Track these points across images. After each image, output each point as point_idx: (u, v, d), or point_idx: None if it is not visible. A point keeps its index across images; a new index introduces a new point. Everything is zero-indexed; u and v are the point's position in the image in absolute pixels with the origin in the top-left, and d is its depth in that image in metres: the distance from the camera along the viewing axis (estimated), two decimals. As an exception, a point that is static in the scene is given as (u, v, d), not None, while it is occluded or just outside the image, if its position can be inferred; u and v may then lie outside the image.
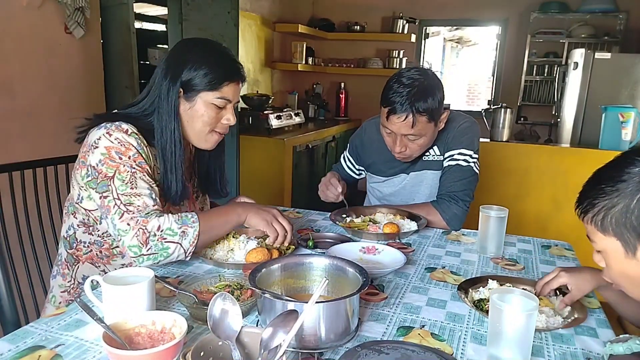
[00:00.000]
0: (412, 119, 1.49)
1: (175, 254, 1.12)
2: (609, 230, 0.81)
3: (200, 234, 1.14)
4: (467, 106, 8.38)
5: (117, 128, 1.18)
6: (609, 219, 0.80)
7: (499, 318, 0.81)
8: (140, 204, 1.14)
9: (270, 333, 0.72)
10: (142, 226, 1.10)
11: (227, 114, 1.30)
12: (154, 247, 1.10)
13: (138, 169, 1.17)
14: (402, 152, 1.60)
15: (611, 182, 0.80)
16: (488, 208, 1.37)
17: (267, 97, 3.95)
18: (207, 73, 1.23)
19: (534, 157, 3.06)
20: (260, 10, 4.35)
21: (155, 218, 1.12)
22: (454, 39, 8.94)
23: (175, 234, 1.12)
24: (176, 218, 1.14)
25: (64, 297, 1.31)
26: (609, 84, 3.35)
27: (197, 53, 1.26)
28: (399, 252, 1.27)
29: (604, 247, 0.84)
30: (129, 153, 1.17)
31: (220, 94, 1.26)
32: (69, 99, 2.44)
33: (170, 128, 1.24)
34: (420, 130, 1.53)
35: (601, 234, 0.82)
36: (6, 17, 2.12)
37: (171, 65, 1.26)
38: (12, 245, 1.37)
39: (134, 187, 1.15)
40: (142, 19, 3.99)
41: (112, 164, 1.15)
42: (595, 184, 0.83)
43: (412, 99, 1.48)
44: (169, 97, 1.24)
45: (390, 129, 1.56)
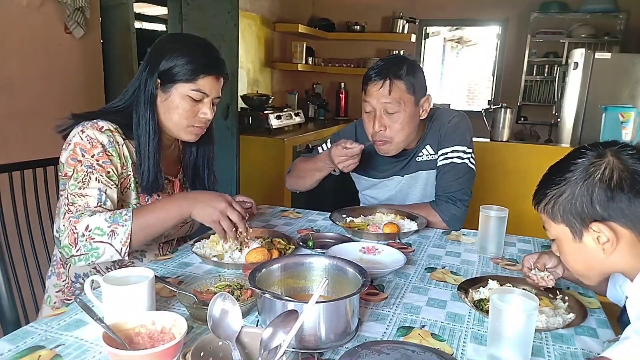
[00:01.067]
0: (389, 84, 1.49)
1: (107, 254, 1.09)
2: (558, 218, 0.88)
3: (134, 233, 1.10)
4: (467, 106, 8.37)
5: (92, 125, 1.19)
6: (558, 207, 0.87)
7: (499, 318, 0.81)
8: (81, 203, 1.12)
9: (270, 333, 0.72)
10: (73, 226, 1.08)
11: (203, 108, 1.27)
12: (82, 248, 1.07)
13: (98, 168, 1.16)
14: (382, 132, 1.55)
15: (560, 173, 0.88)
16: (488, 208, 1.37)
17: (267, 97, 3.95)
18: (184, 64, 1.23)
19: (534, 157, 3.06)
20: (260, 10, 4.35)
21: (86, 217, 1.08)
22: (454, 39, 8.94)
23: (104, 234, 1.08)
24: (108, 216, 1.09)
25: (59, 297, 1.32)
26: (609, 84, 3.35)
27: (177, 44, 1.27)
28: (399, 252, 1.27)
29: (556, 234, 0.91)
30: (94, 151, 1.17)
31: (196, 86, 1.24)
32: (69, 99, 2.44)
33: (145, 117, 1.24)
34: (398, 98, 1.50)
35: (552, 221, 0.90)
36: (6, 17, 2.12)
37: (151, 56, 1.26)
38: (12, 245, 1.37)
39: (84, 187, 1.14)
40: (142, 19, 3.99)
41: (72, 162, 1.16)
42: (547, 176, 0.92)
43: (388, 66, 1.52)
44: (146, 87, 1.24)
45: (368, 101, 1.54)
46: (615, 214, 0.83)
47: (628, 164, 0.83)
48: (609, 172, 0.83)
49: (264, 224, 1.61)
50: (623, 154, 0.84)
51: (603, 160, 0.84)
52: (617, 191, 0.82)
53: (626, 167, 0.83)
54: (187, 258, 1.28)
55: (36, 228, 1.48)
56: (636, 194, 0.81)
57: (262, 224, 1.60)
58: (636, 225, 0.83)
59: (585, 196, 0.84)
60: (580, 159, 0.86)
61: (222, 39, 3.40)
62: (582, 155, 0.87)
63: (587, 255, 0.88)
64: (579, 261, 0.91)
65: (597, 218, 0.84)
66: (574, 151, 0.90)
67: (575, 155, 0.88)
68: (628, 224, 0.83)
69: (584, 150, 0.87)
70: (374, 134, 1.58)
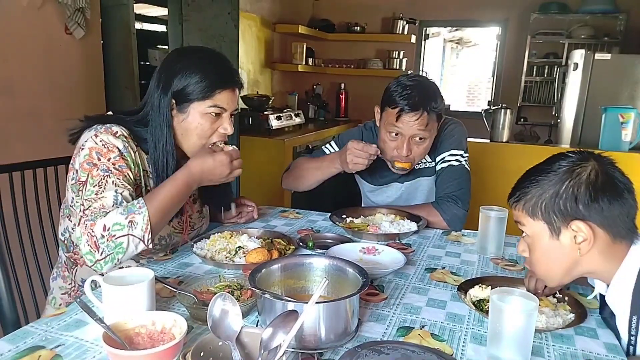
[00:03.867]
0: (426, 116, 1.50)
1: (132, 247, 1.06)
2: (538, 215, 0.92)
3: (152, 217, 1.08)
4: (467, 107, 8.38)
5: (106, 130, 1.16)
6: (540, 204, 0.91)
7: (499, 318, 0.81)
8: (97, 206, 1.08)
9: (270, 333, 0.72)
10: (90, 230, 1.04)
11: (223, 123, 1.24)
12: (106, 249, 1.04)
13: (115, 172, 1.14)
14: (408, 155, 1.56)
15: (543, 173, 0.92)
16: (488, 208, 1.38)
17: (267, 97, 3.95)
18: (198, 81, 1.19)
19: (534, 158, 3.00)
20: (260, 11, 4.35)
21: (100, 219, 1.05)
22: (454, 40, 8.94)
23: (123, 227, 1.05)
24: (122, 210, 1.07)
25: (64, 299, 1.31)
26: (609, 85, 3.35)
27: (187, 61, 1.22)
28: (399, 253, 1.27)
29: (532, 231, 0.94)
30: (110, 155, 1.15)
31: (213, 102, 1.21)
32: (69, 99, 2.45)
33: (162, 141, 1.21)
34: (430, 129, 1.54)
35: (531, 218, 0.93)
36: (6, 17, 2.12)
37: (162, 75, 1.22)
38: (12, 246, 1.37)
39: (100, 191, 1.10)
40: (143, 20, 3.99)
41: (87, 167, 1.13)
42: (528, 176, 0.96)
43: (424, 97, 1.50)
44: (160, 109, 1.21)
45: (399, 129, 1.52)
46: (595, 215, 0.88)
47: (607, 169, 0.90)
48: (594, 174, 0.89)
49: (264, 224, 1.61)
50: (603, 161, 0.91)
51: (588, 163, 0.90)
52: (599, 192, 0.87)
53: (606, 172, 0.89)
54: (187, 258, 1.28)
55: (36, 228, 1.48)
56: (614, 197, 0.88)
57: (262, 225, 1.60)
58: (611, 227, 0.89)
59: (570, 195, 0.88)
60: (563, 162, 0.92)
61: (222, 39, 3.41)
62: (565, 158, 0.92)
63: (560, 254, 0.92)
64: (547, 260, 0.95)
65: (578, 217, 0.88)
66: (555, 156, 0.95)
67: (558, 158, 0.93)
68: (604, 225, 0.88)
69: (567, 154, 0.93)
70: (395, 155, 1.58)
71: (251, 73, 4.29)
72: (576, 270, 0.94)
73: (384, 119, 1.58)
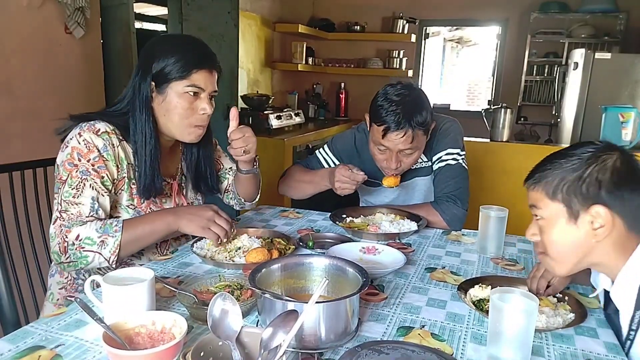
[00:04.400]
0: (411, 133, 1.49)
1: (96, 262, 1.13)
2: (557, 197, 0.91)
3: (123, 244, 1.14)
4: (467, 106, 8.37)
5: (89, 128, 1.20)
6: (562, 186, 0.90)
7: (499, 318, 0.81)
8: (74, 212, 1.15)
9: (270, 333, 0.72)
10: (64, 235, 1.12)
11: (202, 104, 1.27)
12: (72, 256, 1.11)
13: (93, 174, 1.18)
14: (397, 167, 1.57)
15: (566, 157, 0.92)
16: (488, 208, 1.37)
17: (267, 97, 3.95)
18: (175, 62, 1.22)
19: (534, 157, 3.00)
20: (260, 10, 4.35)
21: (77, 227, 1.12)
22: (454, 39, 8.95)
23: (94, 244, 1.12)
24: (98, 226, 1.13)
25: (62, 294, 1.32)
26: (609, 84, 3.35)
27: (165, 44, 1.27)
28: (399, 252, 1.27)
29: (549, 213, 0.93)
30: (90, 155, 1.18)
31: (190, 82, 1.24)
32: (69, 99, 2.44)
33: (141, 122, 1.24)
34: (417, 144, 1.54)
35: (549, 200, 0.92)
36: (6, 17, 2.12)
37: (141, 61, 1.26)
38: (12, 245, 1.37)
39: (78, 195, 1.16)
40: (142, 19, 3.99)
41: (69, 167, 1.17)
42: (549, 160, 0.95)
43: (408, 114, 1.47)
44: (140, 92, 1.24)
45: (386, 145, 1.53)
46: (616, 202, 0.88)
47: (632, 160, 0.91)
48: (620, 162, 0.89)
49: (264, 224, 1.61)
50: (627, 152, 0.92)
51: (613, 152, 0.90)
52: (623, 181, 0.88)
53: (631, 162, 0.90)
54: (187, 258, 1.28)
55: (36, 228, 1.48)
56: (636, 188, 0.89)
57: (262, 224, 1.60)
58: (629, 217, 0.89)
59: (594, 179, 0.88)
60: (589, 148, 0.91)
61: (223, 39, 3.40)
62: (590, 144, 0.92)
63: (575, 239, 0.91)
64: (561, 244, 0.93)
65: (599, 202, 0.88)
66: (579, 143, 0.95)
67: (582, 145, 0.93)
68: (623, 214, 0.88)
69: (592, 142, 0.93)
70: (385, 166, 1.59)
71: (251, 72, 4.29)
72: (587, 259, 0.93)
73: (372, 133, 1.58)
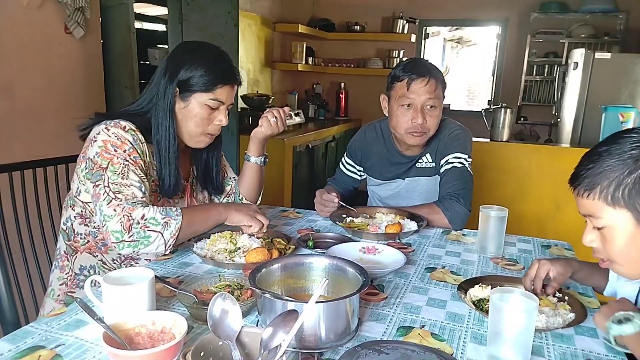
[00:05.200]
0: (434, 83, 1.63)
1: (155, 244, 1.15)
2: (620, 203, 0.80)
3: (183, 227, 1.18)
4: (467, 106, 8.37)
5: (115, 125, 1.24)
6: (621, 190, 0.80)
7: (499, 318, 0.81)
8: (129, 193, 1.17)
9: (270, 333, 0.72)
10: (128, 213, 1.13)
11: (219, 115, 1.35)
12: (136, 235, 1.13)
13: (131, 162, 1.22)
14: (423, 123, 1.64)
15: (616, 156, 0.80)
16: (488, 208, 1.37)
17: (267, 97, 3.95)
18: (202, 75, 1.28)
19: (534, 157, 3.06)
20: (260, 10, 4.35)
21: (140, 207, 1.15)
22: (454, 39, 8.94)
23: (158, 224, 1.15)
24: (161, 209, 1.17)
25: (62, 290, 1.32)
26: (609, 84, 3.34)
27: (195, 55, 1.32)
28: (399, 252, 1.27)
29: (612, 222, 0.82)
30: (124, 147, 1.22)
31: (214, 96, 1.31)
32: (69, 99, 2.45)
33: (165, 125, 1.30)
34: (438, 95, 1.65)
35: (610, 207, 0.81)
36: (6, 17, 2.12)
37: (170, 65, 1.31)
38: (12, 245, 1.37)
39: (125, 178, 1.19)
40: (142, 19, 3.99)
41: (107, 155, 1.20)
42: (595, 160, 0.83)
43: (428, 66, 1.67)
44: (165, 95, 1.29)
45: (411, 99, 1.63)
46: None
47: None
48: None
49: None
50: None
51: None
52: None
53: None
54: (187, 258, 1.28)
55: (36, 228, 1.48)
56: None
57: (262, 224, 1.60)
58: None
59: None
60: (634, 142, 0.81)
61: (222, 39, 3.40)
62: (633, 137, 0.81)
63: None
64: (633, 250, 0.83)
65: None
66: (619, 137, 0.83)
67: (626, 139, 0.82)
68: None
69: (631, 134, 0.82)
70: (411, 127, 1.66)
71: (251, 72, 4.29)
72: None
73: (395, 94, 1.67)
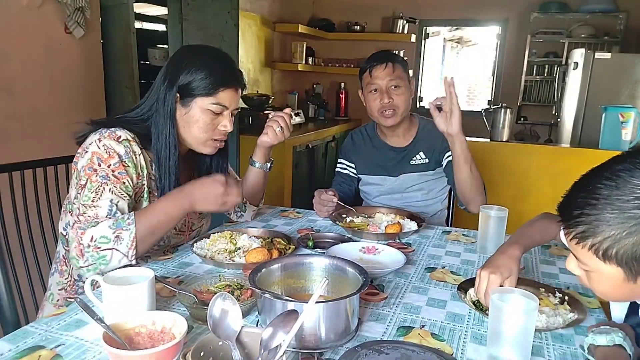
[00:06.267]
0: (391, 66, 1.77)
1: (115, 260, 1.09)
2: (612, 260, 0.71)
3: (140, 236, 1.10)
4: (467, 106, 8.37)
5: (110, 135, 1.18)
6: (616, 250, 0.70)
7: (499, 318, 0.81)
8: (91, 214, 1.12)
9: (270, 333, 0.72)
10: (79, 238, 1.08)
11: (223, 121, 1.28)
12: (90, 259, 1.08)
13: (113, 179, 1.16)
14: (390, 101, 1.76)
15: (620, 211, 0.68)
16: (488, 208, 1.37)
17: (267, 97, 3.95)
18: (203, 78, 1.23)
19: (534, 157, 3.06)
20: (260, 10, 4.35)
21: (90, 228, 1.09)
22: (454, 39, 8.94)
23: (109, 241, 1.08)
24: (111, 223, 1.10)
25: (62, 295, 1.32)
26: (609, 84, 3.35)
27: (195, 58, 1.26)
28: (399, 252, 1.27)
29: (598, 271, 0.74)
30: (111, 161, 1.17)
31: (216, 100, 1.25)
32: (69, 99, 2.44)
33: (165, 132, 1.24)
34: (399, 76, 1.77)
35: (600, 261, 0.72)
36: (6, 17, 2.12)
37: (169, 69, 1.26)
38: (12, 245, 1.37)
39: (97, 199, 1.13)
40: (142, 19, 3.99)
41: (89, 172, 1.15)
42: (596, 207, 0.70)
43: (384, 54, 1.83)
44: (165, 101, 1.24)
45: (375, 84, 1.78)
46: None
47: None
48: None
49: (264, 224, 1.61)
50: None
51: None
52: None
53: None
54: (187, 258, 1.28)
55: (36, 228, 1.48)
56: None
57: (262, 224, 1.60)
58: None
59: None
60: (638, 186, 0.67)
61: (222, 39, 3.40)
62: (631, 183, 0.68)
63: (630, 291, 0.75)
64: (616, 293, 0.78)
65: None
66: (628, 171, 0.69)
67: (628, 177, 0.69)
68: None
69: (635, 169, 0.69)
70: (380, 108, 1.79)
71: (251, 72, 4.29)
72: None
73: (364, 85, 1.83)
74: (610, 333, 0.82)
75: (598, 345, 0.82)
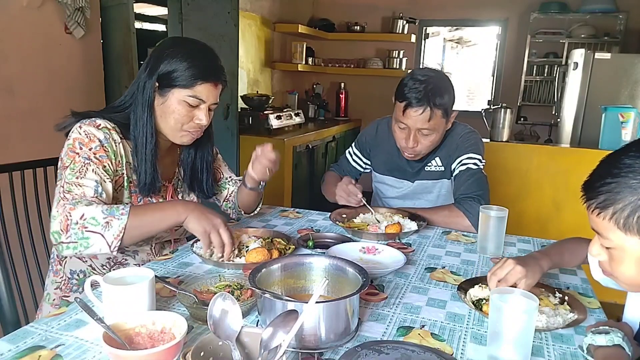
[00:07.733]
0: (429, 112, 1.55)
1: (97, 246, 1.07)
2: (632, 230, 0.73)
3: (129, 228, 1.08)
4: (467, 106, 8.36)
5: (90, 123, 1.21)
6: (637, 217, 0.72)
7: (499, 318, 0.81)
8: (78, 192, 1.13)
9: (270, 333, 0.72)
10: (68, 213, 1.07)
11: (199, 114, 1.27)
12: (73, 236, 1.06)
13: (94, 160, 1.18)
14: (414, 147, 1.62)
15: (634, 173, 0.72)
16: (488, 208, 1.37)
17: (267, 97, 3.95)
18: (182, 69, 1.22)
19: (534, 157, 3.06)
20: (260, 11, 4.35)
21: (82, 206, 1.08)
22: (454, 39, 8.93)
23: (98, 224, 1.06)
24: (105, 208, 1.09)
25: (57, 294, 1.32)
26: (609, 84, 3.35)
27: (178, 49, 1.26)
28: (399, 252, 1.27)
29: (621, 245, 0.76)
30: (91, 145, 1.19)
31: (193, 93, 1.24)
32: (69, 99, 2.44)
33: (143, 120, 1.25)
34: (434, 124, 1.59)
35: (621, 232, 0.74)
36: (6, 17, 2.12)
37: (152, 58, 1.27)
38: (12, 245, 1.37)
39: (81, 177, 1.15)
40: (142, 19, 4.00)
41: (71, 154, 1.18)
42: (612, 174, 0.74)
43: (429, 93, 1.55)
44: (144, 90, 1.25)
45: (405, 123, 1.60)
46: None
47: None
48: None
49: (264, 224, 1.61)
50: None
51: None
52: None
53: None
54: (187, 258, 1.28)
55: (36, 228, 1.48)
56: None
57: (262, 224, 1.60)
58: None
59: None
60: None
61: (222, 39, 3.41)
62: None
63: None
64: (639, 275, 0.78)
65: None
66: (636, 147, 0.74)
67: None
68: None
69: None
70: (404, 146, 1.66)
71: (251, 72, 4.29)
72: None
73: (395, 111, 1.65)
74: (609, 333, 0.82)
75: (597, 346, 0.82)
